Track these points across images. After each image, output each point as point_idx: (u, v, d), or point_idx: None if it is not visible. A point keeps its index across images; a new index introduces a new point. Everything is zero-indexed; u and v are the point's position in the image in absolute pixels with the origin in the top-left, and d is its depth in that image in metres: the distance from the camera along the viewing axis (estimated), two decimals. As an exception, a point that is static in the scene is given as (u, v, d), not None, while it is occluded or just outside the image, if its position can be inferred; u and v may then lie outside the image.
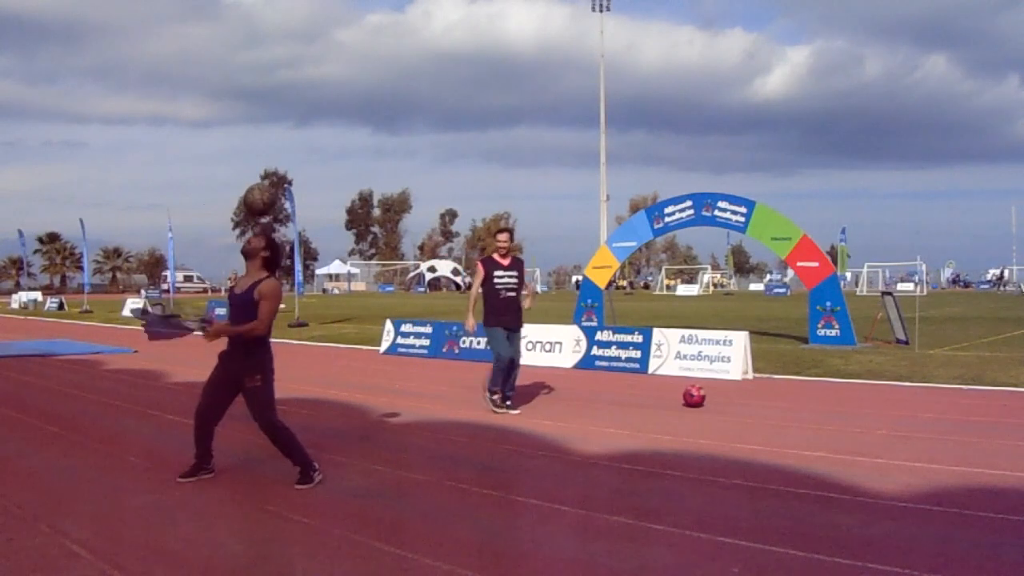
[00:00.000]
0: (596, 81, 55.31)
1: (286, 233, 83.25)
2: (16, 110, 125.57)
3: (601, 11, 54.70)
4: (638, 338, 11.57)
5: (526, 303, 7.98)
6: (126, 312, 29.51)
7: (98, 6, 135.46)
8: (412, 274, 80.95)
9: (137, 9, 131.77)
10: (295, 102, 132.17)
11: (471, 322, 7.98)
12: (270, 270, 5.15)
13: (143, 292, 44.37)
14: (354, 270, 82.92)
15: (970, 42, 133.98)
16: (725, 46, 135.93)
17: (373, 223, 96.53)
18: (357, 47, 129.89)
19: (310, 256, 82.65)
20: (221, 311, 25.96)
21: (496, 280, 7.82)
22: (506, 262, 7.92)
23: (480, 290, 7.92)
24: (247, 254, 5.13)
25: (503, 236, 8.09)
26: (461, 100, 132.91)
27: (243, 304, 5.04)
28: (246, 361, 5.04)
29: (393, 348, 14.31)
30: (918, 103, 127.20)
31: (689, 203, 15.77)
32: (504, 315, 7.79)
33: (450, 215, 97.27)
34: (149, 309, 5.49)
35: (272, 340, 5.20)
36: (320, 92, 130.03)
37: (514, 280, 7.87)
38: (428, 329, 14.17)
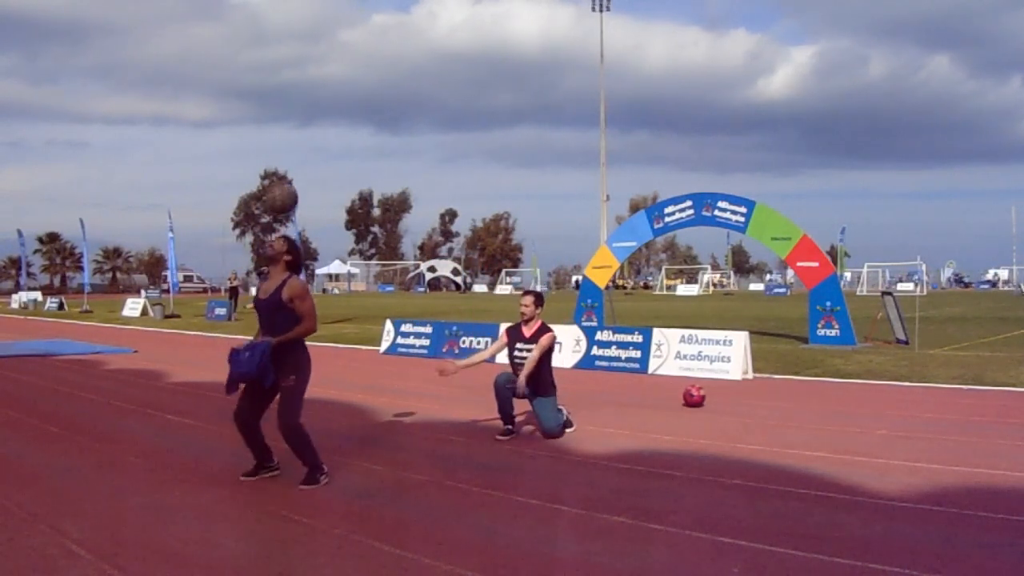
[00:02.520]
0: (598, 81, 55.30)
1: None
2: (19, 110, 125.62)
3: (601, 11, 54.68)
4: (638, 338, 11.57)
5: (522, 374, 6.65)
6: (126, 312, 29.54)
7: (102, 6, 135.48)
8: (412, 274, 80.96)
9: (141, 9, 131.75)
10: (299, 102, 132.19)
11: (453, 367, 6.83)
12: (293, 271, 5.16)
13: (143, 292, 44.38)
14: (354, 270, 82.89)
15: (974, 43, 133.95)
16: (729, 47, 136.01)
17: (373, 223, 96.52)
18: (362, 47, 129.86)
19: (310, 256, 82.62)
20: (221, 311, 26.01)
21: (516, 353, 6.85)
22: (529, 332, 6.85)
23: (495, 354, 7.29)
24: (271, 258, 5.15)
25: (526, 300, 6.93)
26: (465, 100, 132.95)
27: (273, 308, 5.03)
28: (282, 360, 5.00)
29: (393, 348, 14.31)
30: (921, 103, 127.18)
31: (689, 203, 15.78)
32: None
33: (450, 215, 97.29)
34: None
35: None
36: (324, 92, 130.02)
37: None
38: (428, 329, 14.17)
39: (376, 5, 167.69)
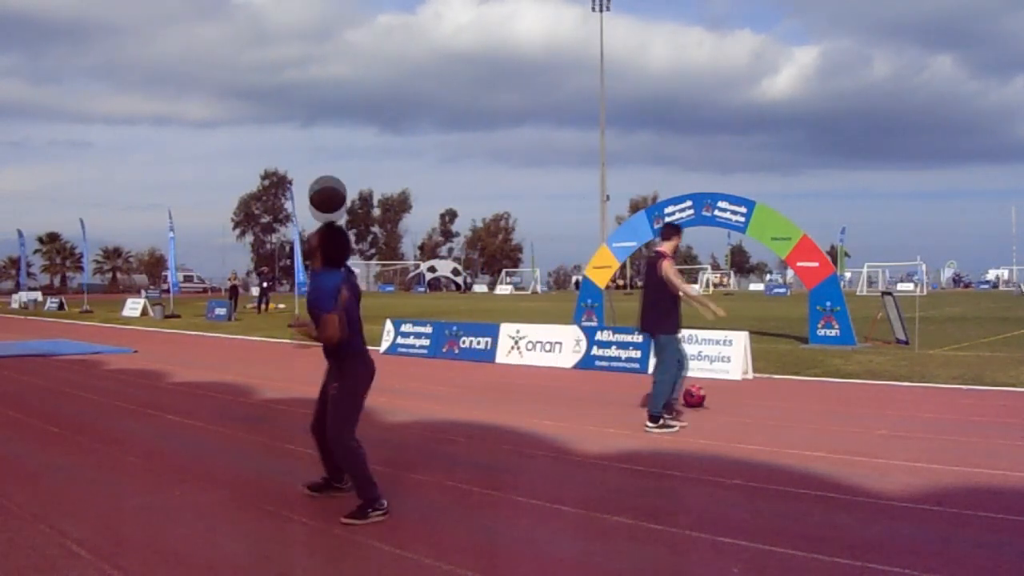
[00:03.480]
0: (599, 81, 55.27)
1: (286, 233, 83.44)
2: (21, 110, 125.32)
3: (601, 11, 54.66)
4: (638, 338, 11.54)
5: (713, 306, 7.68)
6: (126, 312, 29.54)
7: (104, 6, 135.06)
8: (412, 274, 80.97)
9: (143, 9, 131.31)
10: (302, 102, 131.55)
11: (721, 311, 7.54)
12: (334, 267, 4.89)
13: (143, 292, 44.37)
14: (354, 270, 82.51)
15: (976, 43, 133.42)
16: (733, 47, 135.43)
17: (373, 223, 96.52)
18: (366, 47, 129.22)
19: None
20: (221, 311, 26.01)
21: None
22: None
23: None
24: (305, 254, 4.96)
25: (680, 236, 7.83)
26: (467, 100, 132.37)
27: (308, 306, 4.89)
28: (333, 367, 4.82)
29: (393, 348, 14.31)
30: (923, 104, 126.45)
31: (689, 203, 15.78)
32: None
33: (450, 215, 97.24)
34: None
35: (271, 340, 5.18)
36: (327, 92, 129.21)
37: None
38: (428, 329, 14.17)
39: (381, 6, 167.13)
